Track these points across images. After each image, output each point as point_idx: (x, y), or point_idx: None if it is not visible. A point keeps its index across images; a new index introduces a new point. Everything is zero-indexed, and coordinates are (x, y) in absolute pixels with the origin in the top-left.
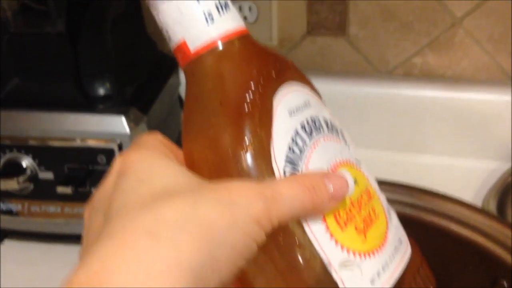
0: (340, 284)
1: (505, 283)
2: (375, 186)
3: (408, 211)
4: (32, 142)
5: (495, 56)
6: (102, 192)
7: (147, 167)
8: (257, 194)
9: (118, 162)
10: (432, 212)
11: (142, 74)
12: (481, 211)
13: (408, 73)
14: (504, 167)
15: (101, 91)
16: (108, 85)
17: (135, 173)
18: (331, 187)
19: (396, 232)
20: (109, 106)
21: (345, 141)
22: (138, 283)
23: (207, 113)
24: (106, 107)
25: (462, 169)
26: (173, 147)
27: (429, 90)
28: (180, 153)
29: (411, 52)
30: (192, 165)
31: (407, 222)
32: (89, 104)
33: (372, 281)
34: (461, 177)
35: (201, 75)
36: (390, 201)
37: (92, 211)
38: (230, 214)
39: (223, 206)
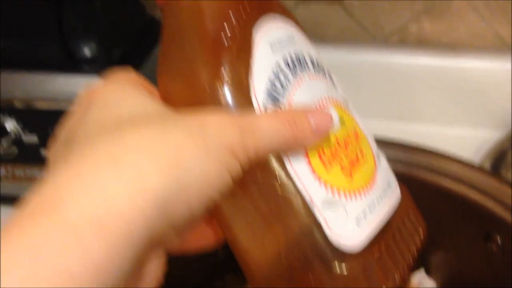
0: (323, 224)
1: (498, 238)
2: (363, 129)
3: (400, 168)
4: (16, 104)
5: (492, 23)
6: (65, 128)
7: (114, 98)
8: (231, 123)
9: (83, 96)
10: (425, 168)
11: (130, 37)
12: (474, 167)
13: (404, 40)
14: (498, 135)
15: (87, 53)
16: (94, 46)
17: (101, 104)
18: (313, 121)
19: (385, 175)
20: (95, 68)
21: (333, 82)
22: (96, 209)
23: (183, 47)
24: (92, 69)
25: (457, 137)
26: (148, 85)
27: (424, 57)
28: (155, 92)
29: (406, 19)
30: (167, 103)
31: (399, 179)
32: (75, 66)
33: (358, 222)
34: (455, 145)
35: (177, 8)
36: None
37: (55, 149)
38: (201, 141)
39: (193, 133)
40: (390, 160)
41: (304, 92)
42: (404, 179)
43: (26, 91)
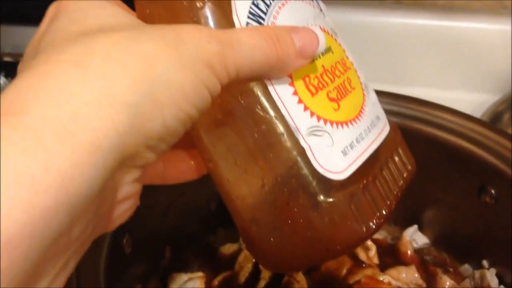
0: (308, 152)
1: (492, 191)
2: (352, 60)
3: (394, 119)
4: (4, 59)
5: None
6: (32, 42)
7: (83, 8)
8: (210, 35)
9: (51, 7)
10: (419, 119)
11: None
12: (469, 117)
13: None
14: (492, 99)
15: None
16: None
17: (68, 14)
18: (298, 40)
19: (374, 107)
20: None
21: (320, 9)
22: (60, 113)
23: None
24: None
25: (451, 101)
26: (125, 5)
27: (420, 18)
28: (132, 13)
29: None
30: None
31: None
32: None
33: (344, 151)
34: None
35: None
36: None
37: (23, 63)
38: (176, 51)
39: (168, 43)
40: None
41: (288, 14)
42: None
43: (15, 46)
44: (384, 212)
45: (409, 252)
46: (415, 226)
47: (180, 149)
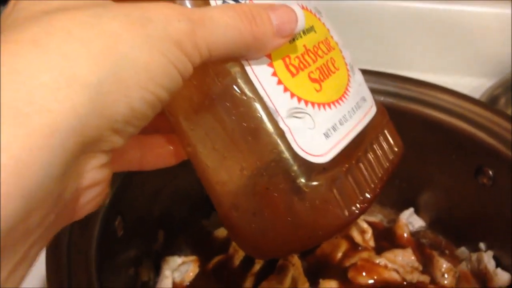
0: (287, 134)
1: (490, 172)
2: (337, 40)
3: (390, 99)
4: None
5: None
6: None
7: None
8: (180, 13)
9: None
10: (415, 100)
11: None
12: (466, 97)
13: None
14: (489, 83)
15: None
16: None
17: None
18: (275, 18)
19: (360, 89)
20: None
21: None
22: (14, 94)
23: None
24: None
25: (448, 85)
26: None
27: (416, 1)
28: None
29: None
30: None
31: (390, 112)
32: None
33: (326, 133)
34: None
35: None
36: (373, 91)
37: None
38: (141, 30)
39: (133, 21)
40: (379, 92)
41: None
42: (393, 111)
43: None
44: (368, 196)
45: (405, 235)
46: (411, 209)
47: (158, 134)
